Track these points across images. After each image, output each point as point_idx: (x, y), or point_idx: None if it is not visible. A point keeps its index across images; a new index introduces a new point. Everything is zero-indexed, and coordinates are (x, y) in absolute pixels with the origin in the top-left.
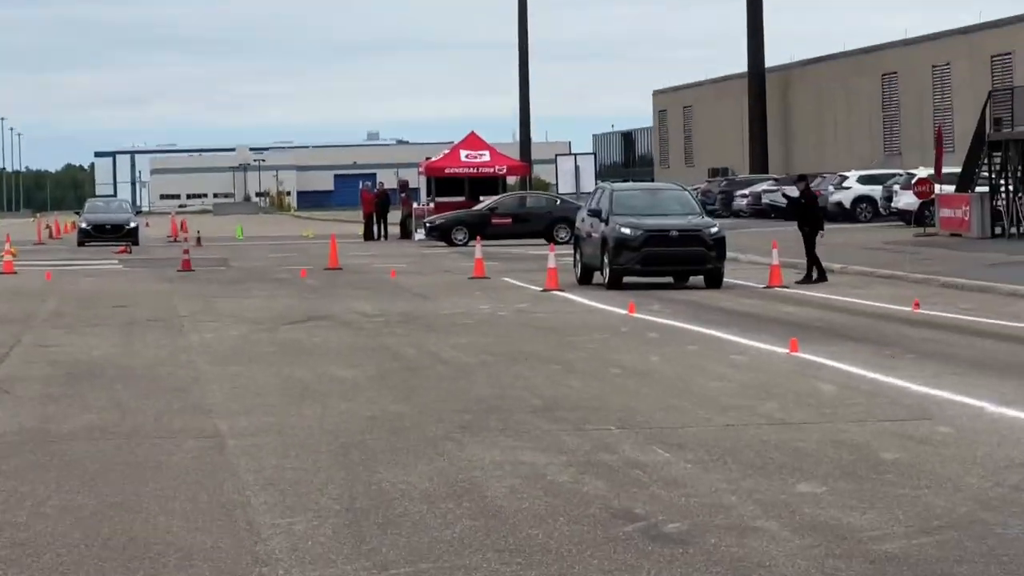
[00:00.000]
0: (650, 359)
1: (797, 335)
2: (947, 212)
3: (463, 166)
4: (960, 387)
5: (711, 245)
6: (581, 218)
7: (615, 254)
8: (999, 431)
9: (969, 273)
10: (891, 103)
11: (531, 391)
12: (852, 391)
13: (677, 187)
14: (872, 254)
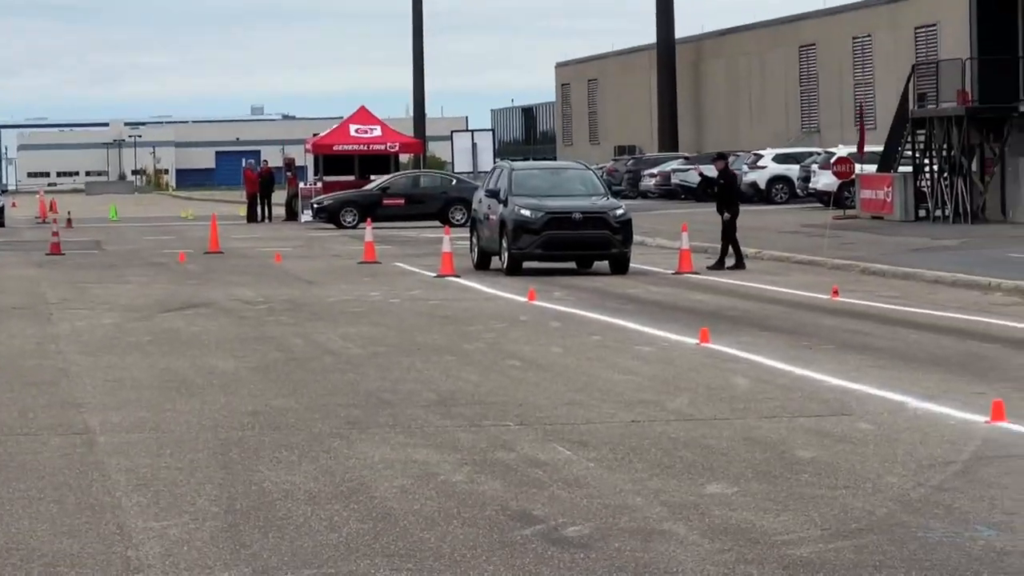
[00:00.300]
0: (551, 350)
1: (708, 325)
2: (868, 193)
3: (353, 143)
4: (881, 381)
5: (616, 228)
6: (478, 199)
7: (514, 238)
8: (921, 428)
9: (891, 259)
10: (809, 77)
11: (425, 384)
12: (766, 385)
13: (581, 166)
14: (789, 238)
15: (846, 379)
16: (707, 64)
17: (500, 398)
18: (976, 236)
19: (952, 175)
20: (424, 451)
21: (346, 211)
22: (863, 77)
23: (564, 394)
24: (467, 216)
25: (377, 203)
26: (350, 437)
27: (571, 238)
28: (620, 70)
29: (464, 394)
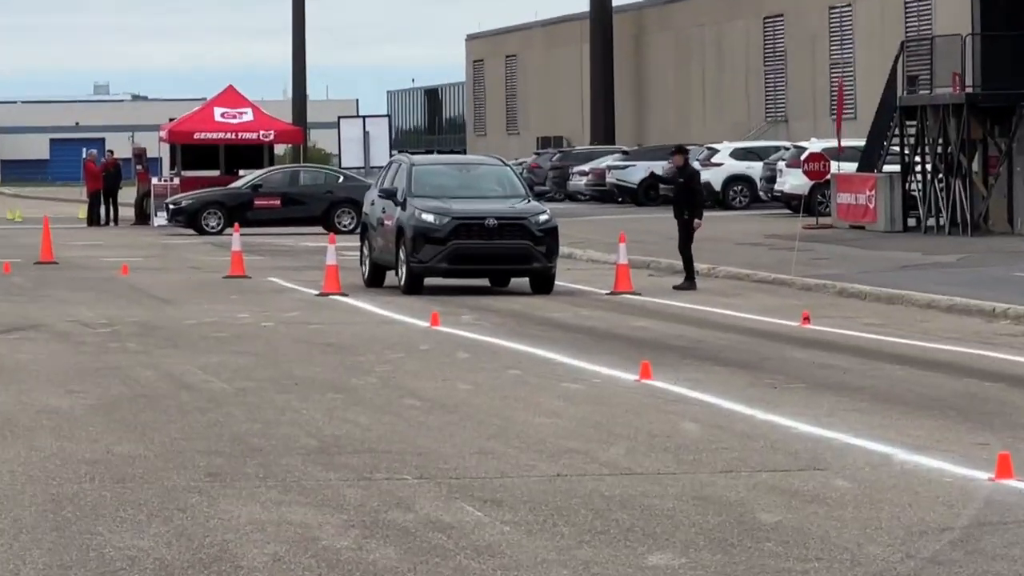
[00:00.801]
0: (458, 387)
1: (651, 357)
2: (846, 198)
3: (218, 129)
4: (861, 427)
5: (539, 237)
6: (370, 201)
7: (414, 248)
8: (911, 486)
9: (874, 278)
10: (775, 55)
11: (303, 428)
12: (722, 431)
13: (495, 161)
14: (749, 251)
15: (819, 425)
16: (651, 38)
17: (395, 445)
18: (977, 250)
19: (948, 176)
20: (302, 510)
21: (209, 213)
22: (841, 56)
23: (473, 441)
24: (356, 221)
25: (247, 204)
26: (211, 492)
27: (484, 249)
28: (545, 44)
29: (351, 440)
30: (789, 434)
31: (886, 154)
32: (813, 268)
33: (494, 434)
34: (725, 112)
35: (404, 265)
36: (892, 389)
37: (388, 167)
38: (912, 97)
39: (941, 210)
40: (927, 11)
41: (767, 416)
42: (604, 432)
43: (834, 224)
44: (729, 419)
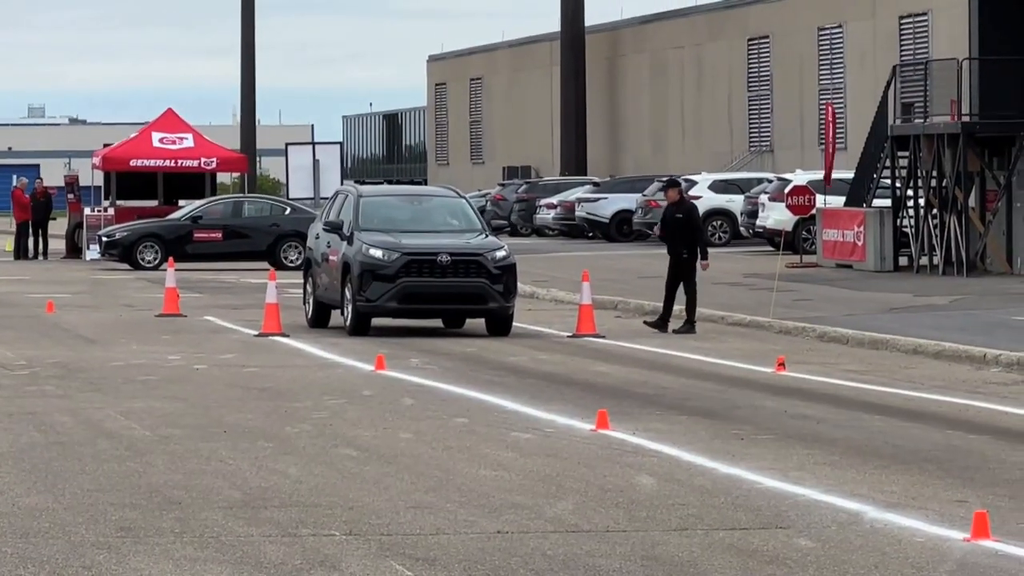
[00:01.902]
0: (399, 436)
1: (609, 405)
2: (833, 234)
3: (156, 156)
4: (832, 482)
5: (496, 275)
6: (315, 234)
7: (361, 286)
8: (879, 547)
9: (859, 321)
10: (760, 80)
11: (228, 479)
12: (679, 486)
13: (450, 192)
14: (726, 291)
15: (786, 480)
16: (627, 61)
17: (326, 499)
18: (972, 292)
19: (943, 211)
20: (217, 568)
21: (145, 247)
22: (831, 81)
23: (411, 495)
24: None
25: (186, 237)
26: (121, 549)
27: (436, 288)
28: (512, 67)
29: (279, 493)
30: (753, 489)
31: (876, 187)
32: (794, 310)
33: (433, 487)
34: (705, 141)
35: (350, 304)
36: (868, 441)
37: (334, 198)
38: (905, 126)
39: (935, 248)
40: (923, 33)
41: (730, 470)
42: (553, 486)
43: (819, 263)
44: (689, 473)
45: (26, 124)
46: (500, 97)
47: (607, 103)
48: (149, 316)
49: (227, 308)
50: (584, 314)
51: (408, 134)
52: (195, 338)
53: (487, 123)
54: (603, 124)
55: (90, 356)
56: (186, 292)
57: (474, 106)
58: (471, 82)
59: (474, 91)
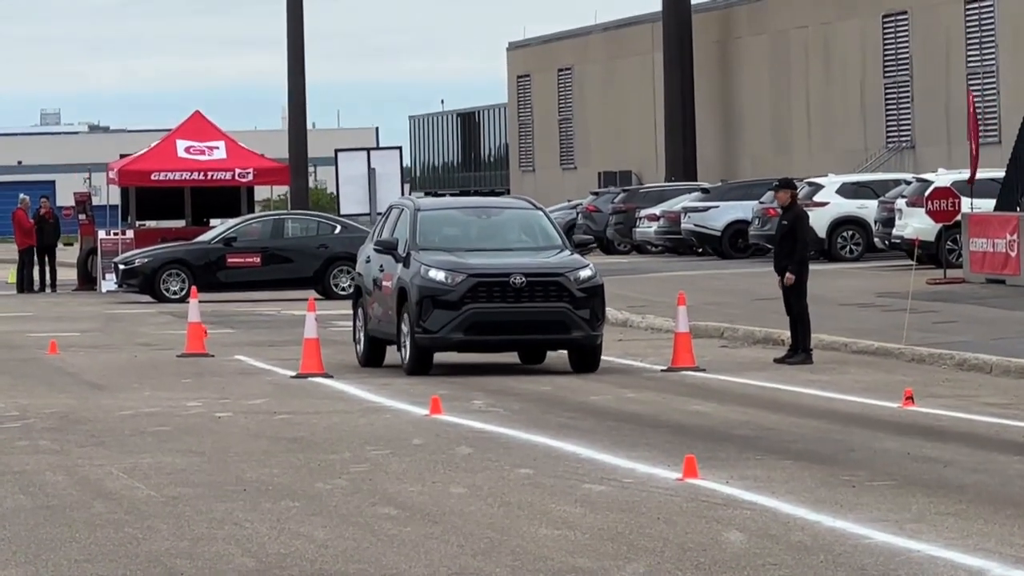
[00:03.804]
0: (450, 491)
1: (700, 450)
2: (981, 244)
3: (182, 168)
4: (955, 535)
5: (580, 299)
6: (365, 257)
7: (421, 314)
8: None
9: (1008, 346)
10: (898, 64)
11: (242, 545)
12: (773, 542)
13: (524, 204)
14: (855, 314)
15: (900, 534)
16: (741, 44)
17: (355, 566)
18: None
19: None
20: None
21: (169, 275)
22: (981, 62)
23: (456, 559)
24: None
25: (218, 263)
26: None
27: (510, 315)
28: (608, 54)
29: (300, 560)
30: (859, 545)
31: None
32: (932, 334)
33: (483, 550)
34: (835, 137)
35: (407, 337)
36: (1004, 487)
37: (387, 214)
38: None
39: None
40: None
41: (835, 523)
42: (624, 545)
43: (966, 278)
44: (786, 527)
45: (38, 133)
46: (594, 90)
47: (719, 95)
48: (170, 356)
49: (262, 345)
50: (680, 344)
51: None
52: (221, 381)
53: (579, 121)
54: (714, 120)
55: (95, 404)
56: (216, 328)
57: (563, 101)
58: (559, 73)
59: (563, 83)
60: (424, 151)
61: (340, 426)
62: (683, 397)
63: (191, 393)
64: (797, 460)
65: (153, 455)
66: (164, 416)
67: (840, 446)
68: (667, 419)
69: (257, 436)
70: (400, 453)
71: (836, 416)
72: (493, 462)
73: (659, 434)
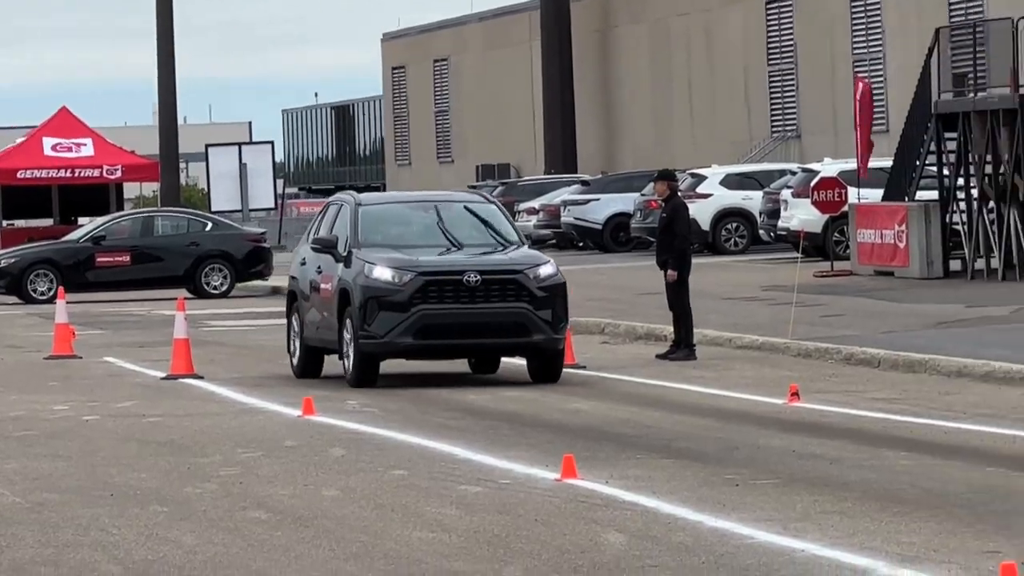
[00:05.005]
0: (323, 494)
1: (580, 449)
2: (869, 235)
3: (49, 166)
4: (839, 534)
5: (541, 299)
6: (300, 259)
7: (366, 318)
8: None
9: (897, 339)
10: (782, 52)
11: (108, 552)
12: (654, 544)
13: (476, 197)
14: (740, 308)
15: (784, 533)
16: (621, 32)
17: (224, 572)
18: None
19: (1001, 203)
20: None
21: (37, 275)
22: (867, 50)
23: (327, 564)
24: (230, 280)
25: (87, 262)
26: None
27: (464, 316)
28: (485, 44)
29: (167, 566)
30: (742, 545)
31: (920, 177)
32: (819, 328)
33: (355, 554)
34: (719, 127)
35: (351, 344)
36: (890, 483)
37: (323, 211)
38: (951, 102)
39: (992, 248)
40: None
41: (718, 523)
42: (500, 548)
43: (854, 270)
44: (667, 528)
45: None
46: (471, 81)
47: (599, 85)
48: (37, 359)
49: (132, 346)
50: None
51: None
52: (89, 384)
53: (456, 113)
54: (594, 111)
55: None
56: (84, 329)
57: (440, 93)
58: (435, 64)
59: (439, 75)
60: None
61: (211, 429)
62: (562, 395)
63: (58, 396)
64: (679, 459)
65: (18, 460)
66: (30, 420)
67: (723, 444)
68: (546, 418)
69: (126, 439)
70: (272, 455)
71: (719, 413)
72: (367, 464)
73: (537, 433)
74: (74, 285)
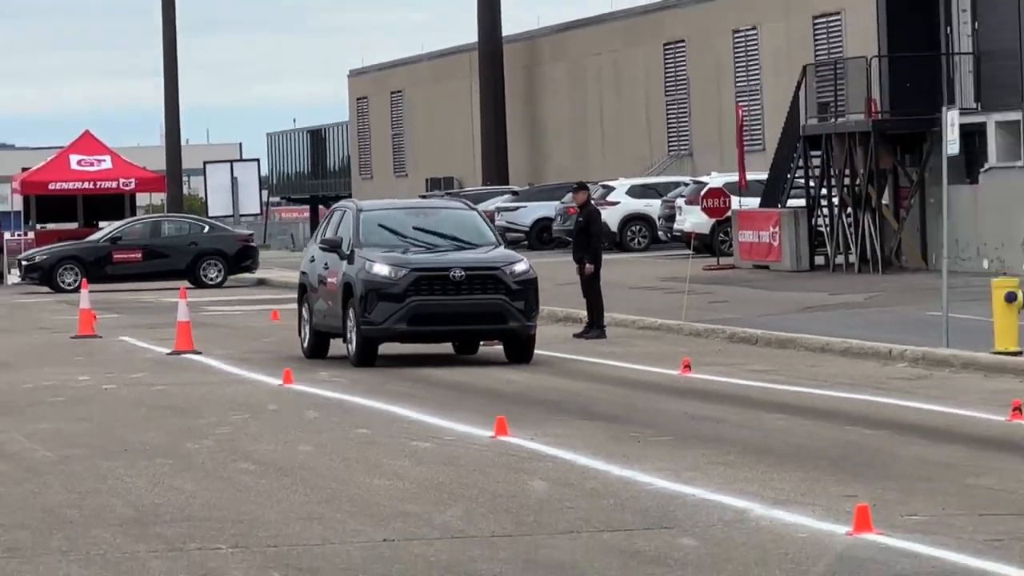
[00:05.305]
0: (299, 449)
1: (510, 412)
2: (749, 236)
3: (75, 179)
4: (723, 481)
5: (515, 291)
6: (310, 257)
7: (366, 307)
8: (762, 543)
9: (770, 321)
10: (677, 84)
11: (123, 497)
12: (570, 489)
13: (459, 205)
14: (641, 296)
15: (678, 481)
16: (545, 69)
17: (217, 513)
18: (887, 289)
19: (857, 210)
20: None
21: (65, 269)
22: (747, 83)
23: (302, 506)
24: (223, 273)
25: (106, 258)
26: (5, 569)
27: (450, 307)
28: (433, 79)
29: (171, 509)
30: (643, 491)
31: (790, 188)
32: (708, 312)
33: (326, 498)
34: (625, 147)
35: (353, 330)
36: (765, 440)
37: (330, 216)
38: (816, 125)
39: (850, 246)
40: (837, 33)
41: (623, 472)
42: (445, 493)
43: (737, 264)
44: (582, 476)
45: None
46: (421, 109)
47: (527, 112)
48: (64, 338)
49: (143, 328)
50: None
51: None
52: (107, 358)
53: (409, 136)
54: (523, 133)
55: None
56: (104, 313)
57: (396, 119)
58: (392, 95)
59: (395, 104)
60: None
61: (208, 395)
62: (495, 369)
63: (82, 369)
64: (593, 420)
65: (50, 422)
66: (59, 389)
67: (628, 408)
68: (484, 387)
69: (137, 405)
70: (258, 417)
71: (625, 382)
72: (336, 424)
73: (476, 399)
74: (95, 277)
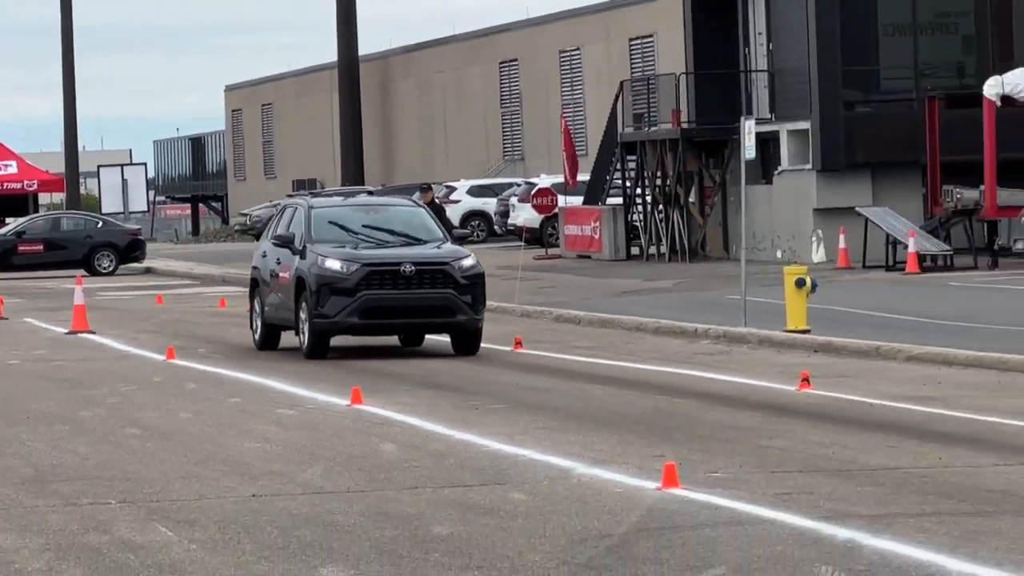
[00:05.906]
0: (179, 416)
1: (364, 383)
2: (573, 229)
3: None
4: (549, 444)
5: (464, 285)
6: (262, 252)
7: (319, 301)
8: (583, 497)
9: (591, 304)
10: (511, 98)
11: (24, 459)
12: (416, 451)
13: (407, 202)
14: None
15: (510, 443)
16: (396, 84)
17: (107, 472)
18: (694, 276)
19: (668, 207)
20: (3, 536)
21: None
22: (572, 96)
23: (182, 466)
24: (115, 263)
25: (12, 250)
26: None
27: (401, 300)
28: (298, 92)
29: (67, 469)
30: (480, 452)
31: (609, 188)
32: (538, 296)
33: (203, 459)
34: (466, 152)
35: (306, 323)
36: (587, 407)
37: (281, 212)
38: (632, 133)
39: (661, 239)
40: (651, 53)
41: (463, 435)
42: (307, 455)
43: (563, 255)
44: (427, 439)
45: None
46: (288, 119)
47: (381, 122)
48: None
49: (44, 311)
50: None
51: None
52: (13, 337)
53: (278, 143)
54: (377, 140)
55: None
56: (10, 298)
57: (266, 128)
58: (263, 107)
59: (266, 115)
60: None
61: (100, 369)
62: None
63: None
64: (437, 390)
65: None
66: None
67: (468, 380)
68: (345, 364)
69: (39, 378)
70: (144, 388)
71: (466, 358)
72: (212, 394)
73: (335, 373)
74: (2, 267)
